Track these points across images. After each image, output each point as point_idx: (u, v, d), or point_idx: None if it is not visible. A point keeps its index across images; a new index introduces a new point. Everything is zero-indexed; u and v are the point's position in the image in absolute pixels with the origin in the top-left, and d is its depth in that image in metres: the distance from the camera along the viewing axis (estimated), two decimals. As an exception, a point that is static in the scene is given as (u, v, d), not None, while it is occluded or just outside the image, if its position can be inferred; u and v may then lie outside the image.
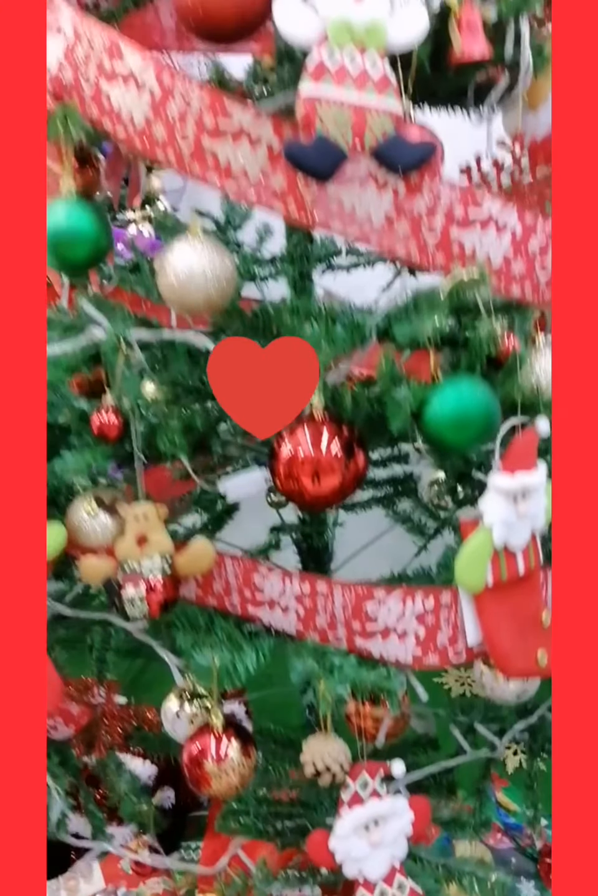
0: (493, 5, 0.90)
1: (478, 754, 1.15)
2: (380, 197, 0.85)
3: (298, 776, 1.14)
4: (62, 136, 0.87)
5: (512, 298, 0.89)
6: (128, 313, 0.99)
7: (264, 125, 0.83)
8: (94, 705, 1.31)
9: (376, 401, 0.90)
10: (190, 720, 1.12)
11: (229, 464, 1.23)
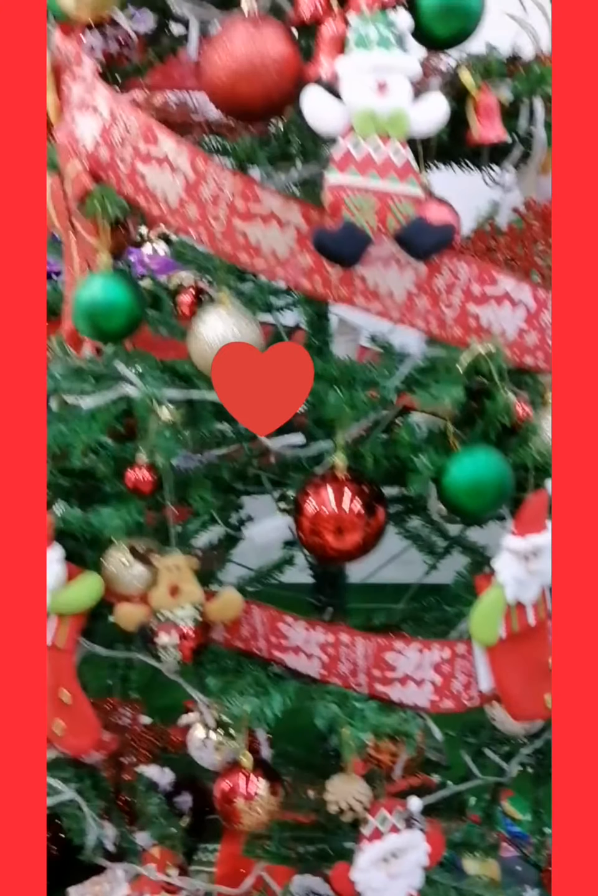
0: (508, 88, 0.94)
1: (487, 779, 1.21)
2: (402, 275, 0.90)
3: (316, 798, 1.21)
4: (99, 214, 0.92)
5: (526, 367, 0.94)
6: (158, 367, 1.04)
7: (293, 209, 0.88)
8: (120, 727, 1.37)
9: (394, 457, 0.96)
10: (216, 747, 1.19)
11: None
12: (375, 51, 0.83)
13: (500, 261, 1.01)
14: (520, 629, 0.95)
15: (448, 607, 1.26)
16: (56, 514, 1.02)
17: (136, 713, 1.41)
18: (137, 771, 1.30)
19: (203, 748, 1.19)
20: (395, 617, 1.27)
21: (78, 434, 1.00)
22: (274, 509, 1.24)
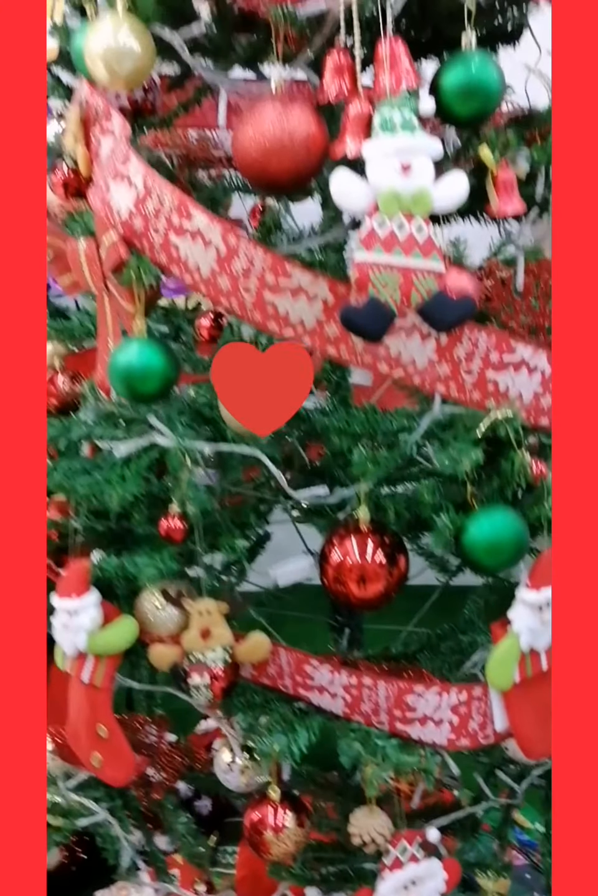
0: (526, 159, 0.98)
1: (499, 801, 1.27)
2: (424, 345, 0.94)
3: (337, 817, 1.28)
4: (135, 282, 0.97)
5: (541, 428, 0.99)
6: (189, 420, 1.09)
7: (321, 284, 0.92)
8: (147, 745, 1.44)
9: (415, 512, 1.01)
10: (241, 771, 1.25)
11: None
12: (399, 134, 0.87)
13: (519, 317, 1.06)
14: (533, 674, 1.00)
15: (462, 635, 1.32)
16: (93, 561, 1.07)
17: (161, 731, 1.48)
18: (165, 790, 1.36)
19: (229, 771, 1.26)
20: (412, 644, 1.33)
21: (113, 486, 1.06)
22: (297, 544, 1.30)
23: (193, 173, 1.34)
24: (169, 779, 1.39)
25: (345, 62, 0.91)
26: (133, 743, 1.38)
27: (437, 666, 1.24)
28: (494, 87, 0.92)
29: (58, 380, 1.39)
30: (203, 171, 1.45)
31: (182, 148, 1.37)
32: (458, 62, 0.92)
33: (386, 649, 1.29)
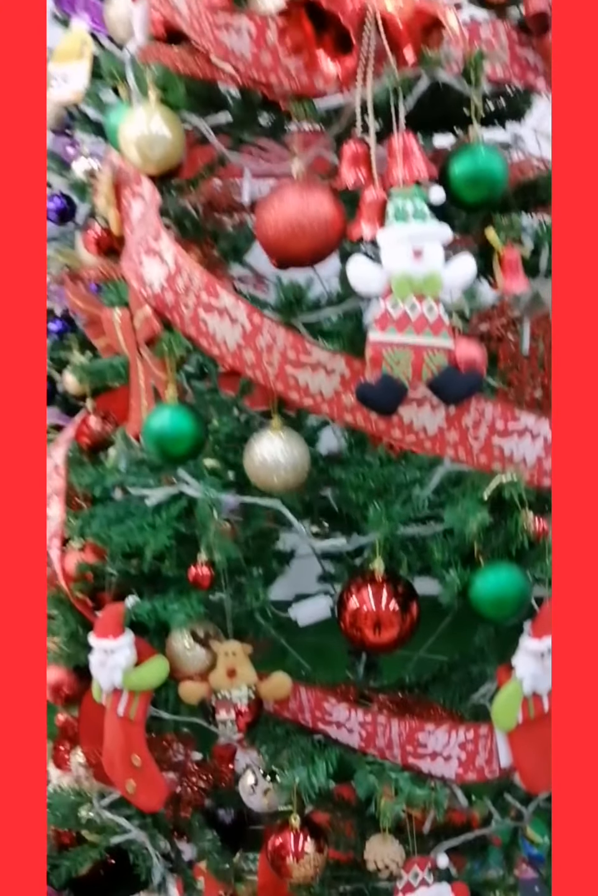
0: (531, 238, 1.05)
1: (506, 823, 1.35)
2: (434, 414, 1.02)
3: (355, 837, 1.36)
4: (166, 354, 1.05)
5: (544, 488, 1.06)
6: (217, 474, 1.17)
7: (338, 360, 1.00)
8: (175, 763, 1.53)
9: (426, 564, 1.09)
10: (264, 793, 1.34)
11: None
12: (411, 223, 0.94)
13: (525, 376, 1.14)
14: (536, 715, 1.08)
15: (473, 665, 1.39)
16: (127, 605, 1.16)
17: (188, 750, 1.56)
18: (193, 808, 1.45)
19: (252, 793, 1.35)
20: (425, 672, 1.41)
21: (145, 534, 1.14)
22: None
23: (217, 220, 1.42)
24: (196, 797, 1.48)
25: (361, 151, 0.98)
26: (161, 761, 1.48)
27: (448, 696, 1.31)
28: (499, 175, 0.99)
29: (90, 420, 1.47)
30: (227, 216, 1.52)
31: (206, 195, 1.45)
32: (465, 153, 0.99)
33: (400, 679, 1.37)
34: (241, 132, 1.16)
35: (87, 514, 1.21)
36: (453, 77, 0.98)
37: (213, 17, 1.01)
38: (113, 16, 1.37)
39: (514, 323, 1.18)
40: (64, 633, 1.26)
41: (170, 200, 1.23)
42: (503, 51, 1.02)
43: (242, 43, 1.01)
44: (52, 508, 1.32)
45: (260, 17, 1.00)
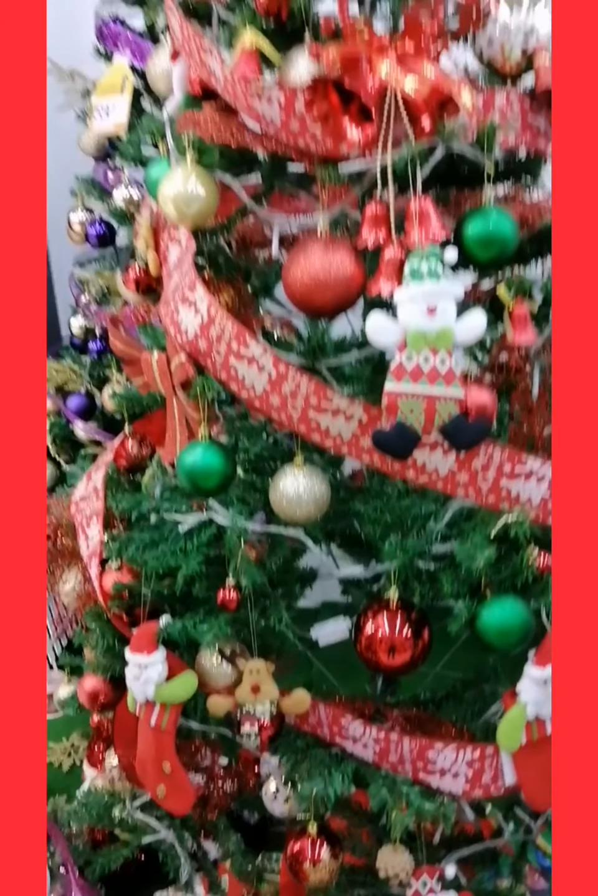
0: (540, 292, 1.12)
1: (516, 838, 1.42)
2: (445, 458, 1.09)
3: (370, 843, 1.44)
4: (199, 396, 1.14)
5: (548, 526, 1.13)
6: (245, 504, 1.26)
7: (357, 407, 1.08)
8: (203, 767, 1.62)
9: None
10: (285, 800, 1.43)
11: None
12: (426, 282, 1.02)
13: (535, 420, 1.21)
14: (539, 738, 1.15)
15: (485, 683, 1.47)
16: (160, 624, 1.25)
17: (216, 755, 1.66)
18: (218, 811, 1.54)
19: (274, 800, 1.44)
20: (440, 689, 1.48)
21: (177, 558, 1.24)
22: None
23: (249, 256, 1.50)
24: (222, 800, 1.57)
25: (381, 213, 1.06)
26: (190, 764, 1.57)
27: (460, 714, 1.39)
28: (509, 237, 1.06)
29: (128, 444, 1.57)
30: (259, 250, 1.61)
31: (239, 231, 1.53)
32: (478, 216, 1.06)
33: (415, 696, 1.45)
34: (270, 189, 1.25)
35: (125, 538, 1.31)
36: (468, 146, 1.05)
37: (245, 86, 1.10)
38: (154, 71, 1.47)
39: (526, 364, 1.25)
40: (101, 645, 1.36)
41: (204, 241, 1.32)
42: (516, 119, 1.09)
43: (272, 110, 1.09)
44: (91, 529, 1.42)
45: (289, 88, 1.08)
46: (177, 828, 1.47)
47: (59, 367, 2.44)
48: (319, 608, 1.60)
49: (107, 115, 2.09)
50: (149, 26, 2.16)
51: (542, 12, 1.07)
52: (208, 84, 1.19)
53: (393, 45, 1.03)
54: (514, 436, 1.22)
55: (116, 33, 2.15)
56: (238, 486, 1.31)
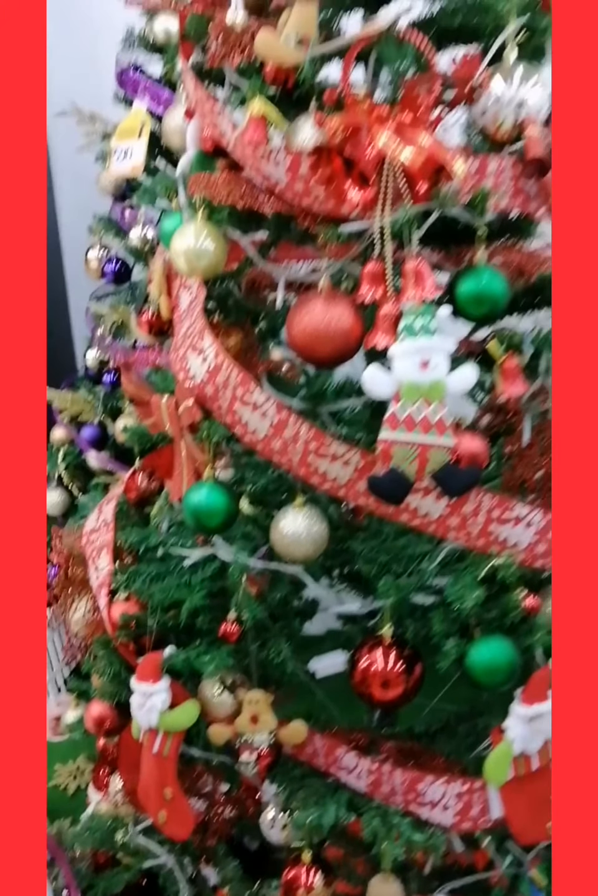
0: (531, 345, 1.19)
1: (508, 871, 1.45)
2: (437, 502, 1.15)
3: (364, 872, 1.48)
4: (206, 439, 1.20)
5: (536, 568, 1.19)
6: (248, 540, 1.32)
7: (354, 452, 1.14)
8: (205, 793, 1.67)
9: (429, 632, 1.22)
10: (282, 828, 1.47)
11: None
12: (419, 338, 1.08)
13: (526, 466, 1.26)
14: (525, 773, 1.20)
15: (479, 717, 1.51)
16: (165, 654, 1.31)
17: (217, 782, 1.70)
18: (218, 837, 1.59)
19: (272, 827, 1.48)
20: (434, 722, 1.53)
21: (182, 591, 1.30)
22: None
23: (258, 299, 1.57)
24: (222, 826, 1.62)
25: (378, 271, 1.13)
26: (192, 790, 1.62)
27: (453, 747, 1.44)
28: (500, 294, 1.12)
29: (137, 478, 1.64)
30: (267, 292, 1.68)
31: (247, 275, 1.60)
32: (471, 275, 1.12)
33: (410, 728, 1.50)
34: (276, 242, 1.32)
35: (132, 570, 1.37)
36: (462, 209, 1.12)
37: (254, 149, 1.17)
38: (169, 127, 1.55)
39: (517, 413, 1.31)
40: (108, 673, 1.42)
41: (213, 286, 1.39)
42: (509, 183, 1.16)
43: (278, 171, 1.16)
44: (101, 560, 1.48)
45: (295, 152, 1.15)
46: (177, 853, 1.52)
47: (74, 397, 2.51)
48: (323, 635, 1.66)
49: (125, 158, 2.18)
50: (167, 73, 2.26)
51: (532, 87, 1.13)
52: (220, 142, 1.27)
53: (392, 115, 1.10)
54: (507, 479, 1.28)
55: (136, 80, 2.24)
56: (242, 523, 1.37)
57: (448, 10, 1.25)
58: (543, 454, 1.25)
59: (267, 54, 1.15)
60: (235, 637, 1.27)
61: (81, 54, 2.72)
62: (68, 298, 2.91)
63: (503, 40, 1.15)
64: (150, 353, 1.66)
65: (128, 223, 2.30)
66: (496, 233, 1.27)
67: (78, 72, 2.62)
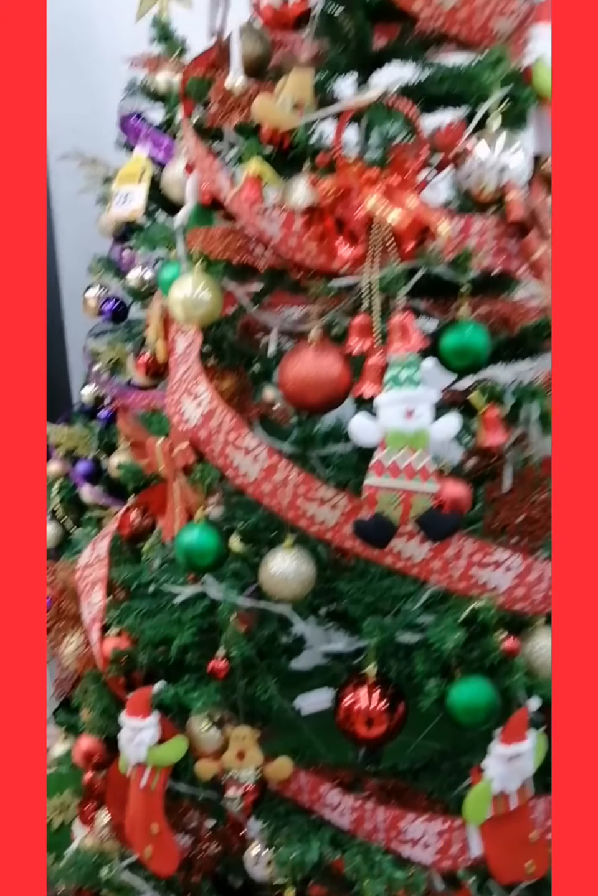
0: (511, 398, 1.24)
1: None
2: (420, 546, 1.19)
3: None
4: (199, 481, 1.25)
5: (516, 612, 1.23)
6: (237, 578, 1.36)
7: (341, 497, 1.19)
8: (190, 829, 1.68)
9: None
10: (266, 864, 1.49)
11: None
12: (404, 388, 1.13)
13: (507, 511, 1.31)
14: (504, 812, 1.23)
15: (462, 756, 1.54)
16: (155, 690, 1.34)
17: (203, 817, 1.72)
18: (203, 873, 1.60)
19: (256, 864, 1.50)
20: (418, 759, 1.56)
21: (173, 628, 1.33)
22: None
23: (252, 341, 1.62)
24: (207, 863, 1.63)
25: (366, 324, 1.18)
26: (177, 825, 1.64)
27: (436, 785, 1.46)
28: (482, 348, 1.18)
29: (131, 514, 1.67)
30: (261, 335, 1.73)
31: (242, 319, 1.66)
32: (454, 329, 1.18)
33: (394, 766, 1.53)
34: (270, 292, 1.38)
35: (124, 607, 1.40)
36: (446, 267, 1.18)
37: (249, 206, 1.23)
38: (169, 178, 1.61)
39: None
40: (98, 707, 1.44)
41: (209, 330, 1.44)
42: (492, 243, 1.22)
43: (272, 227, 1.22)
44: (94, 595, 1.51)
45: (289, 209, 1.21)
46: (162, 889, 1.53)
47: (69, 432, 2.56)
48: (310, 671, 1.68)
49: (125, 202, 2.25)
50: (168, 121, 2.33)
51: (514, 153, 1.20)
52: (217, 196, 1.33)
53: (381, 177, 1.16)
54: (489, 522, 1.33)
55: (138, 127, 2.31)
56: (232, 560, 1.41)
57: (436, 78, 1.31)
58: (523, 500, 1.30)
59: (264, 118, 1.21)
60: (223, 673, 1.31)
61: (86, 101, 2.81)
62: (66, 335, 2.97)
63: (486, 108, 1.22)
64: (146, 394, 1.71)
65: (126, 264, 2.37)
66: (480, 286, 1.32)
67: (82, 117, 2.70)
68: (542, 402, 1.23)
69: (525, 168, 1.22)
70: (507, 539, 1.29)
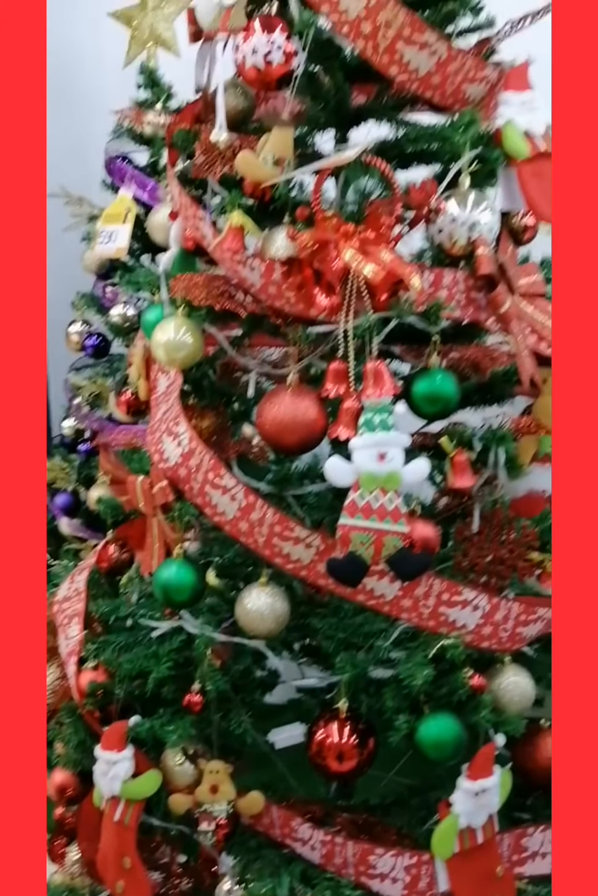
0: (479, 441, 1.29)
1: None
2: (391, 584, 1.24)
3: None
4: (177, 519, 1.28)
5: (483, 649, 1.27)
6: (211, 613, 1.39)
7: (315, 536, 1.23)
8: (161, 864, 1.69)
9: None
10: (239, 899, 1.51)
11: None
12: (378, 432, 1.18)
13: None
14: (470, 846, 1.26)
15: (431, 791, 1.57)
16: (130, 723, 1.36)
17: (175, 852, 1.73)
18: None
19: (228, 898, 1.51)
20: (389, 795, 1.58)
21: (149, 662, 1.36)
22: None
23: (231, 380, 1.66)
24: (176, 898, 1.64)
25: (341, 369, 1.23)
26: (149, 861, 1.64)
27: (406, 820, 1.49)
28: (451, 396, 1.23)
29: (110, 549, 1.70)
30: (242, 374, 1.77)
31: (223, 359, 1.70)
32: (425, 377, 1.23)
33: (365, 800, 1.55)
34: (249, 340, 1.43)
35: (102, 640, 1.43)
36: (417, 317, 1.23)
37: (231, 255, 1.28)
38: (154, 222, 1.66)
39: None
40: (73, 741, 1.46)
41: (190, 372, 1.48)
42: (461, 295, 1.28)
43: (253, 275, 1.27)
44: (71, 629, 1.53)
45: (268, 259, 1.26)
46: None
47: (49, 464, 2.58)
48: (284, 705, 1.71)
49: (109, 241, 2.29)
50: (152, 163, 2.40)
51: (483, 211, 1.26)
52: (201, 243, 1.38)
53: (357, 231, 1.22)
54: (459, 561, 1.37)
55: (123, 169, 2.37)
56: (208, 595, 1.44)
57: (411, 136, 1.38)
58: (492, 540, 1.34)
59: (247, 172, 1.27)
60: (198, 707, 1.33)
61: (73, 142, 2.86)
62: (47, 368, 2.99)
63: (458, 167, 1.28)
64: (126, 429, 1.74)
65: (109, 301, 2.41)
66: (451, 335, 1.38)
67: (69, 157, 2.76)
68: (509, 447, 1.28)
69: (494, 224, 1.29)
70: (476, 578, 1.33)
